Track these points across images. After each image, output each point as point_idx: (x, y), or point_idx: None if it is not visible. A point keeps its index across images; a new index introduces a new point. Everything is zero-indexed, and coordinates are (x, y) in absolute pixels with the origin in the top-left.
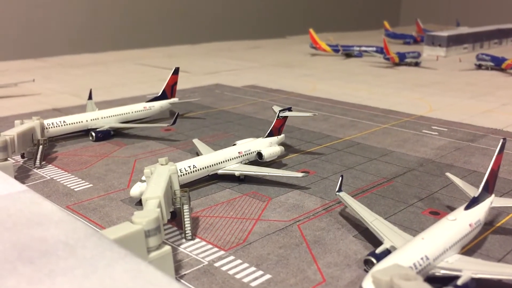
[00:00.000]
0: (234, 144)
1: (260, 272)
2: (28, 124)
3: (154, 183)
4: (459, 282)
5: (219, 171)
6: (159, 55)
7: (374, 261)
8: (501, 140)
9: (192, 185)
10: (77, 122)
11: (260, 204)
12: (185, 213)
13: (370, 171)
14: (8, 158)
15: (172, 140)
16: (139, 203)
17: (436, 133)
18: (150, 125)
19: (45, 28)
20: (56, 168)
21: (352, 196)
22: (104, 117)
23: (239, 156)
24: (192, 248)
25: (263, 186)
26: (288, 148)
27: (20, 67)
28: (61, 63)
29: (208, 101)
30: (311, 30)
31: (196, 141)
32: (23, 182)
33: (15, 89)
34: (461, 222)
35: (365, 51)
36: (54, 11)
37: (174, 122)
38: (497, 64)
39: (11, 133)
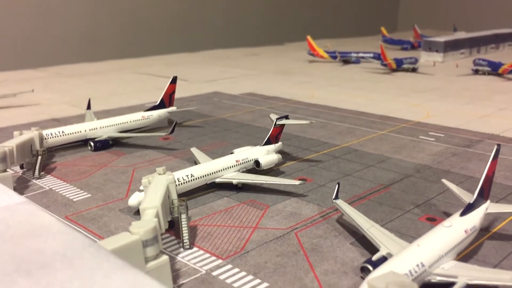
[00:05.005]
0: (232, 153)
1: (258, 281)
2: (27, 135)
3: (151, 193)
4: None
5: (217, 180)
6: (157, 63)
7: (371, 268)
8: (495, 146)
9: (190, 194)
10: (75, 132)
11: (258, 212)
12: (182, 222)
13: (367, 178)
14: (7, 169)
15: (170, 149)
16: (137, 212)
17: (433, 139)
18: (148, 134)
19: (44, 37)
20: (55, 179)
21: (350, 203)
22: (103, 127)
23: (236, 165)
24: (190, 257)
25: (260, 194)
26: (285, 155)
27: (19, 77)
28: (60, 72)
29: (206, 109)
30: (309, 37)
31: (194, 150)
32: (22, 193)
33: (14, 99)
34: (457, 228)
35: (363, 57)
36: (53, 21)
37: (172, 131)
38: (494, 69)
39: (10, 144)
